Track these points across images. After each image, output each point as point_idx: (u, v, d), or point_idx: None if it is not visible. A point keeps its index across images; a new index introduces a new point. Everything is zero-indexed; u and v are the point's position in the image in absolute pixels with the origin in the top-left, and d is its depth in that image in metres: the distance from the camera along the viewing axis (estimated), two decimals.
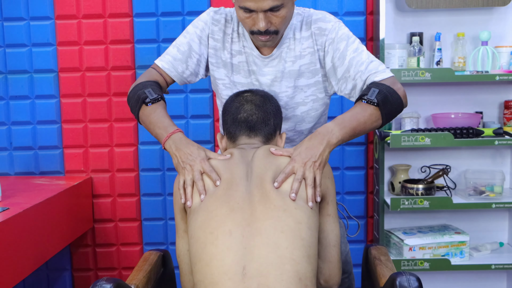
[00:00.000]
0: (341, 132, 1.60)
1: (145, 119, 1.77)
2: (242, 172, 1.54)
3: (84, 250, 3.05)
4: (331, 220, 1.61)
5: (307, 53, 1.83)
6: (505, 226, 3.07)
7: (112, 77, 2.94)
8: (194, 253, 1.48)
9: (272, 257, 1.41)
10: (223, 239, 1.44)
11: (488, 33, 2.79)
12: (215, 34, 1.87)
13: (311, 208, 1.50)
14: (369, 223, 3.05)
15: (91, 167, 3.00)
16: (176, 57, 1.88)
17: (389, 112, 1.69)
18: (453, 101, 2.97)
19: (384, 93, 1.66)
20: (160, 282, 1.78)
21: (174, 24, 2.90)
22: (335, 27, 1.82)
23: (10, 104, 2.97)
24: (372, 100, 1.65)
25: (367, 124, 1.66)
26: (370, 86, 1.70)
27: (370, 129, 1.69)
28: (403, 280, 1.39)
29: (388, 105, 1.67)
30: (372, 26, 2.90)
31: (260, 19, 1.68)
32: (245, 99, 1.68)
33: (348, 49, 1.78)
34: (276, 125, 1.68)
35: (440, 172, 2.86)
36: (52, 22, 2.91)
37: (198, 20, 1.90)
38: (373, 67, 1.76)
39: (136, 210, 3.03)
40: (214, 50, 1.88)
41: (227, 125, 1.68)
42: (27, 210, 2.25)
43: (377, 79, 1.73)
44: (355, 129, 1.63)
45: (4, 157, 3.00)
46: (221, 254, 1.42)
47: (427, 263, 2.74)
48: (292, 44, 1.83)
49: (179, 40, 1.90)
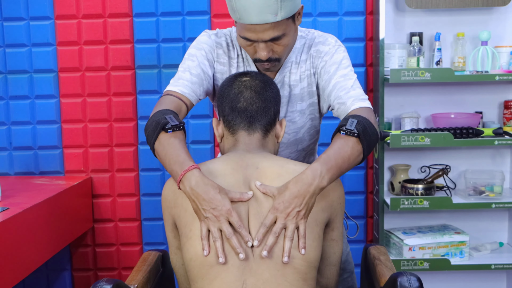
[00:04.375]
0: (329, 174, 1.45)
1: (161, 149, 1.57)
2: (239, 181, 1.49)
3: (84, 250, 3.05)
4: (335, 244, 1.58)
5: (305, 76, 1.81)
6: (505, 226, 3.07)
7: (112, 77, 2.94)
8: (197, 274, 1.44)
9: (271, 270, 1.40)
10: (230, 257, 1.41)
11: (488, 33, 2.79)
12: (220, 58, 1.81)
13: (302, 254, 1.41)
14: (369, 223, 3.05)
15: (91, 167, 3.00)
16: (192, 80, 1.74)
17: (368, 144, 1.55)
18: (453, 101, 2.97)
19: (363, 124, 1.54)
20: (160, 282, 1.78)
21: (174, 24, 2.90)
22: (332, 51, 1.77)
23: (10, 104, 2.97)
24: (352, 131, 1.52)
25: (350, 159, 1.52)
26: (347, 117, 1.58)
27: (353, 165, 1.55)
28: (404, 280, 1.38)
29: (367, 136, 1.54)
30: (372, 26, 2.90)
31: (262, 48, 1.65)
32: (244, 84, 1.59)
33: (337, 73, 1.73)
34: (276, 113, 1.62)
35: (440, 172, 2.86)
36: (52, 22, 2.91)
37: (200, 43, 1.81)
38: (353, 95, 1.68)
39: (136, 210, 3.03)
40: (220, 74, 1.82)
41: (225, 112, 1.59)
42: (27, 210, 2.25)
43: (353, 107, 1.65)
44: (341, 167, 1.49)
45: (4, 157, 3.00)
46: (226, 272, 1.40)
47: (427, 263, 2.74)
48: (294, 68, 1.80)
49: (188, 64, 1.77)
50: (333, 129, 3.00)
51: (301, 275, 1.42)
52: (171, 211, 1.53)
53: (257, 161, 1.51)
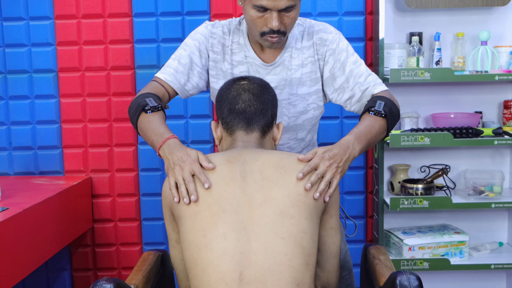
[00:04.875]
0: (360, 146, 1.64)
1: (142, 126, 1.76)
2: (235, 173, 1.50)
3: (83, 250, 3.05)
4: (334, 233, 1.59)
5: (309, 62, 1.88)
6: (505, 226, 3.07)
7: (111, 77, 2.94)
8: (189, 258, 1.46)
9: (270, 263, 1.40)
10: (217, 243, 1.42)
11: (487, 33, 2.79)
12: (214, 47, 1.90)
13: (316, 200, 1.49)
14: (368, 223, 3.05)
15: (90, 167, 3.00)
16: (177, 69, 1.89)
17: (392, 123, 1.77)
18: (453, 101, 2.97)
19: (389, 106, 1.75)
20: (159, 282, 1.78)
21: (173, 24, 2.90)
22: (336, 39, 1.89)
23: (9, 104, 2.97)
24: (380, 112, 1.73)
25: (377, 135, 1.73)
26: (375, 99, 1.78)
27: (378, 141, 1.78)
28: (403, 279, 1.38)
29: (392, 116, 1.76)
30: (371, 26, 2.90)
31: (274, 17, 1.71)
32: (242, 87, 1.63)
33: (348, 61, 1.86)
34: (273, 115, 1.66)
35: (440, 172, 2.86)
36: (52, 22, 2.91)
37: (196, 33, 1.92)
38: (371, 80, 1.85)
39: (136, 210, 3.03)
40: (214, 63, 1.91)
41: (223, 114, 1.63)
42: (27, 210, 2.25)
43: (375, 91, 1.83)
44: (369, 141, 1.69)
45: (4, 157, 3.00)
46: (217, 260, 1.40)
47: (426, 263, 2.74)
48: (295, 53, 1.88)
49: (179, 53, 1.91)
50: (333, 129, 3.01)
51: (305, 257, 1.43)
52: (167, 201, 1.58)
53: (257, 155, 1.54)
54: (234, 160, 1.53)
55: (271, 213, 1.44)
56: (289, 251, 1.41)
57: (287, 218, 1.44)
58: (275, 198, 1.46)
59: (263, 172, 1.50)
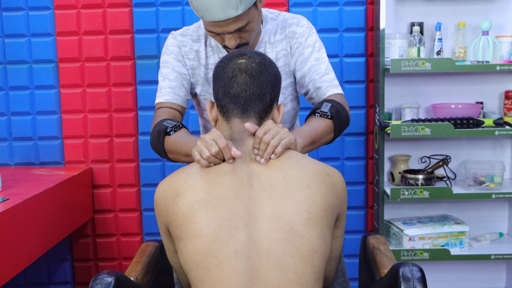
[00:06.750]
0: (302, 141, 1.59)
1: (171, 148, 1.70)
2: (243, 180, 1.43)
3: (84, 241, 3.06)
4: (338, 241, 1.58)
5: (282, 56, 1.87)
6: (505, 217, 3.07)
7: (111, 67, 2.93)
8: (195, 277, 1.39)
9: (279, 280, 1.35)
10: (229, 262, 1.35)
11: (489, 23, 2.78)
12: (189, 54, 1.89)
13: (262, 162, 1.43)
14: (369, 213, 3.05)
15: (91, 157, 3.00)
16: (171, 86, 1.87)
17: (340, 127, 1.73)
18: (454, 91, 2.96)
19: (336, 108, 1.72)
20: (159, 273, 1.79)
21: (173, 14, 2.89)
22: (306, 33, 1.87)
23: (9, 94, 2.97)
24: (326, 113, 1.70)
25: (323, 135, 1.69)
26: (323, 101, 1.75)
27: (324, 143, 1.71)
28: (406, 271, 1.38)
29: (339, 118, 1.72)
30: (372, 16, 2.89)
31: (229, 39, 1.70)
32: (239, 68, 1.50)
33: (311, 57, 1.84)
34: (273, 99, 1.55)
35: (440, 163, 2.86)
36: (51, 12, 2.90)
37: (167, 48, 1.90)
38: (327, 79, 1.82)
39: (136, 201, 3.03)
40: (192, 70, 1.90)
41: (218, 95, 1.53)
42: (27, 200, 2.25)
43: (328, 93, 1.80)
44: (314, 139, 1.65)
45: (4, 148, 3.00)
46: (227, 278, 1.34)
47: (426, 253, 2.74)
48: (269, 47, 1.87)
49: (163, 72, 1.89)
50: None
51: (315, 274, 1.39)
52: (162, 219, 1.50)
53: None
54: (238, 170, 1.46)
55: (280, 229, 1.37)
56: (299, 270, 1.36)
57: (297, 237, 1.37)
58: (284, 213, 1.39)
59: (270, 179, 1.43)
